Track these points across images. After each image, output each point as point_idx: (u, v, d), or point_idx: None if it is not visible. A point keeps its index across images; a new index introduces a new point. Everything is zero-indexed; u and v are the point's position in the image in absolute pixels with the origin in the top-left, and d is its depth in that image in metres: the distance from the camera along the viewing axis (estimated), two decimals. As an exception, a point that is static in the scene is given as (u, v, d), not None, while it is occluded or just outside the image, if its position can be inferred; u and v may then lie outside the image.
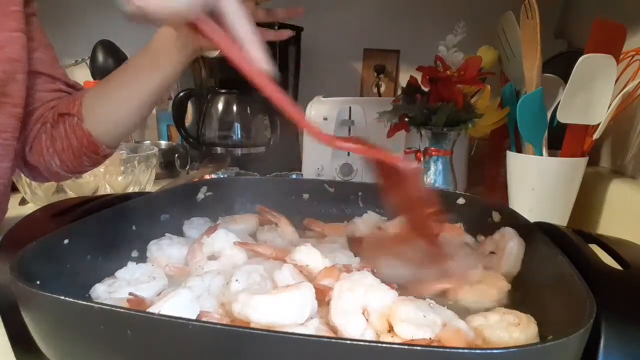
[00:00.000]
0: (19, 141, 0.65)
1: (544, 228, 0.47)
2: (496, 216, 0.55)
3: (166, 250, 0.52)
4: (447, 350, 0.29)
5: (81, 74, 0.77)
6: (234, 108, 1.13)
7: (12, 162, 0.64)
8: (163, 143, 1.23)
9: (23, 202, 0.93)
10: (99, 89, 0.67)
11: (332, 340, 0.28)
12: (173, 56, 0.63)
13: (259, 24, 0.68)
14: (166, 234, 0.55)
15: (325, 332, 0.36)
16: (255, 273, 0.45)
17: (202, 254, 0.52)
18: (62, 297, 0.30)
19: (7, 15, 0.58)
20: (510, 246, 0.47)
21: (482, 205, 0.58)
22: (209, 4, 0.41)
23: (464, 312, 0.39)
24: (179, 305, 0.37)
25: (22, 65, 0.60)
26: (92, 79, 1.17)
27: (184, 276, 0.47)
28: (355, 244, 0.56)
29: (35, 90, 0.66)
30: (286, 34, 0.71)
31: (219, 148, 1.15)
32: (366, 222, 0.59)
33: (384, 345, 0.27)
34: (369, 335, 0.36)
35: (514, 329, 0.36)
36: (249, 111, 1.13)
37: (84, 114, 0.64)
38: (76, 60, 1.21)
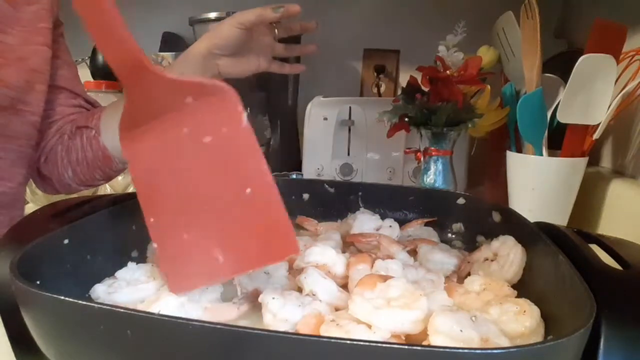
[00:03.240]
0: (35, 150, 0.67)
1: (544, 228, 0.47)
2: (496, 216, 0.55)
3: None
4: (447, 350, 0.28)
5: (81, 74, 0.78)
6: (234, 108, 1.13)
7: (25, 168, 0.66)
8: (163, 143, 1.23)
9: (23, 202, 0.93)
10: (118, 105, 0.70)
11: (332, 340, 0.28)
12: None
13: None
14: None
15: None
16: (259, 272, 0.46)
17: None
18: (62, 297, 0.30)
19: (35, 30, 0.62)
20: (512, 256, 0.46)
21: (482, 205, 0.58)
22: None
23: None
24: (165, 312, 0.37)
25: (43, 76, 0.64)
26: (92, 79, 1.18)
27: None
28: (347, 243, 0.56)
29: (57, 104, 0.69)
30: (300, 68, 0.78)
31: (219, 148, 1.14)
32: (359, 221, 0.59)
33: (384, 345, 0.27)
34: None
35: (523, 317, 0.36)
36: (249, 111, 1.12)
37: (101, 128, 0.67)
38: (76, 60, 1.21)
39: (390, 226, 0.58)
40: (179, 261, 0.39)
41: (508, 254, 0.47)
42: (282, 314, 0.38)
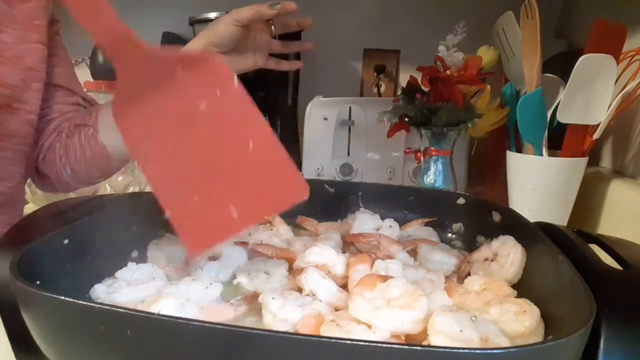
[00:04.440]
0: (33, 149, 0.66)
1: (544, 228, 0.47)
2: (496, 216, 0.55)
3: (166, 250, 0.52)
4: (447, 350, 0.29)
5: (81, 74, 0.78)
6: (234, 108, 1.13)
7: (23, 167, 0.66)
8: (163, 143, 1.23)
9: (23, 202, 0.93)
10: None
11: (332, 340, 0.28)
12: None
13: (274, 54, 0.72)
14: (166, 234, 0.54)
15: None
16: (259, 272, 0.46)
17: (203, 254, 0.52)
18: (62, 297, 0.30)
19: (30, 28, 0.62)
20: (512, 256, 0.46)
21: (482, 205, 0.58)
22: None
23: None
24: (165, 312, 0.37)
25: (39, 75, 0.63)
26: (92, 79, 1.18)
27: (185, 276, 0.47)
28: (347, 243, 0.56)
29: (55, 102, 0.69)
30: (298, 64, 0.78)
31: (219, 148, 1.14)
32: (359, 221, 0.59)
33: (384, 345, 0.27)
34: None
35: (523, 317, 0.36)
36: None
37: (99, 126, 0.67)
38: (76, 60, 1.21)
39: (390, 226, 0.58)
40: (193, 222, 0.40)
41: (508, 253, 0.47)
42: (282, 314, 0.38)
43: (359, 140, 0.98)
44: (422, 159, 0.81)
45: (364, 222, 0.59)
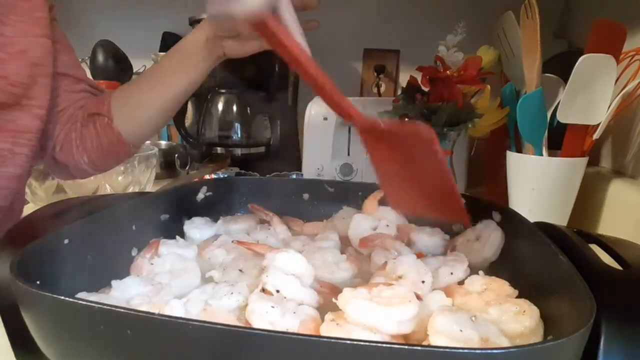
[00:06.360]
0: (42, 143, 0.67)
1: (544, 228, 0.47)
2: (496, 216, 0.55)
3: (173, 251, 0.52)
4: (447, 350, 0.28)
5: (81, 74, 0.79)
6: (234, 108, 1.13)
7: (34, 162, 0.66)
8: (163, 143, 1.23)
9: (23, 202, 0.93)
10: (127, 90, 0.70)
11: (332, 340, 0.28)
12: (200, 61, 0.67)
13: None
14: (177, 237, 0.55)
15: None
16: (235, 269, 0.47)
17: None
18: (62, 297, 0.30)
19: (33, 21, 0.61)
20: (493, 237, 0.51)
21: (482, 205, 0.58)
22: (272, 4, 0.48)
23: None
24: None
25: (45, 69, 0.63)
26: (92, 79, 1.18)
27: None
28: (344, 242, 0.57)
29: (64, 91, 0.68)
30: (313, 25, 0.76)
31: (219, 148, 1.15)
32: (356, 221, 0.59)
33: (384, 345, 0.27)
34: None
35: (523, 317, 0.36)
36: (249, 111, 1.13)
37: (113, 114, 0.67)
38: (76, 60, 1.21)
39: (387, 225, 0.58)
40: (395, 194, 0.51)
41: (489, 235, 0.51)
42: (282, 323, 0.37)
43: (359, 140, 0.98)
44: (422, 159, 0.81)
45: (360, 222, 0.58)
